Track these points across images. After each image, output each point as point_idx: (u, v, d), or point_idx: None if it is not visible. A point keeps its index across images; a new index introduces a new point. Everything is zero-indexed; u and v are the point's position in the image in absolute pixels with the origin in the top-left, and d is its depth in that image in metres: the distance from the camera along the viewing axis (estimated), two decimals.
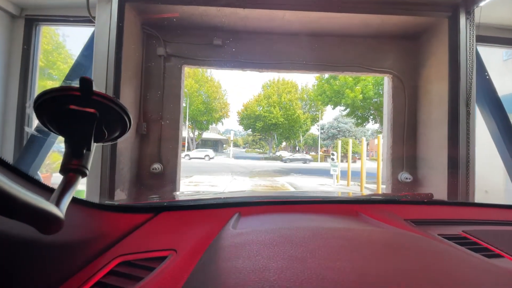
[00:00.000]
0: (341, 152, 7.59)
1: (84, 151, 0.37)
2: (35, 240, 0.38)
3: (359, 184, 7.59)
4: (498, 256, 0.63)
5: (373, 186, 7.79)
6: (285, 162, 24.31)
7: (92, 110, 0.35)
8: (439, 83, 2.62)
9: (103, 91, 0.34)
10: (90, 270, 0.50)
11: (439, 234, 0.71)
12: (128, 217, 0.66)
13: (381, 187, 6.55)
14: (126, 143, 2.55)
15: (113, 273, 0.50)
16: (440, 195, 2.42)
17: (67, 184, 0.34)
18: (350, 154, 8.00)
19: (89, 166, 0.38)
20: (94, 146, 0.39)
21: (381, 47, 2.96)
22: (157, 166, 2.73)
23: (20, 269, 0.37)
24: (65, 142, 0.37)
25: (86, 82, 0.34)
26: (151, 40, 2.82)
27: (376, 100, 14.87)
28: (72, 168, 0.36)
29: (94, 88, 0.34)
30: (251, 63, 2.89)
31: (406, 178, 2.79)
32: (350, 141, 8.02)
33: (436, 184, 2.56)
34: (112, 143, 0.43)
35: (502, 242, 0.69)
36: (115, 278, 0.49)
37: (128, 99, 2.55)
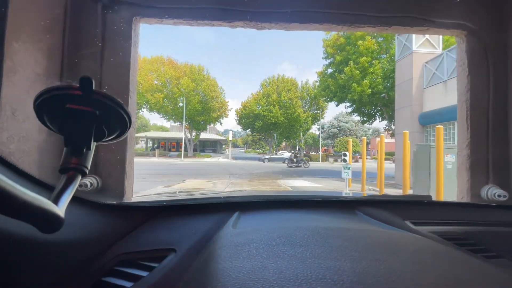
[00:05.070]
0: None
1: (84, 150, 0.37)
2: (36, 239, 0.40)
3: (376, 189, 6.53)
4: (497, 257, 0.65)
5: (397, 192, 6.70)
6: (264, 162, 22.83)
7: (92, 109, 0.36)
8: None
9: None
10: (91, 269, 0.51)
11: (438, 235, 0.71)
12: (128, 216, 0.65)
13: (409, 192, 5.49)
14: (30, 143, 1.47)
15: (113, 272, 0.52)
16: None
17: (67, 183, 0.34)
18: (365, 155, 6.92)
19: (89, 165, 0.38)
20: (94, 145, 0.39)
21: None
22: (88, 182, 1.64)
23: (21, 268, 0.39)
24: (65, 141, 0.36)
25: (87, 81, 0.33)
26: None
27: (384, 95, 13.71)
28: (72, 167, 0.36)
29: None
30: (243, 13, 1.80)
31: (499, 196, 1.71)
32: (365, 139, 6.95)
33: None
34: (112, 142, 0.42)
35: (501, 243, 0.70)
36: (115, 277, 0.50)
37: (31, 71, 1.46)
